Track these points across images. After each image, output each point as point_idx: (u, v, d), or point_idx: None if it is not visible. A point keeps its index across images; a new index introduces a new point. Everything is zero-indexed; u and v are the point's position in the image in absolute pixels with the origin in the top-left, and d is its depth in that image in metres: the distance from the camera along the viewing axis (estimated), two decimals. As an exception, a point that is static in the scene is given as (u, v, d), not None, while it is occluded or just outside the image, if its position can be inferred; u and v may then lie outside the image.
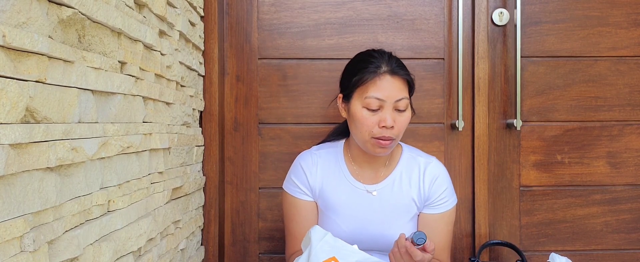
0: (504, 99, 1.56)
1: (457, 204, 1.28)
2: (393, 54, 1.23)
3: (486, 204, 1.53)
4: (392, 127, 1.14)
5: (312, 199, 1.27)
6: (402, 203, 1.24)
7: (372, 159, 1.25)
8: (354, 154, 1.27)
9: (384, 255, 1.23)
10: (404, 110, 1.17)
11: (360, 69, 1.19)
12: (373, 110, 1.15)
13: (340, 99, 1.25)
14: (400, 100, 1.15)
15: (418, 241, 1.04)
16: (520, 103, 1.52)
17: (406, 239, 1.07)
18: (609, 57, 1.56)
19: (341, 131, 1.35)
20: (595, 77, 1.56)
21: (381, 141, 1.15)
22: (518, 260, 1.43)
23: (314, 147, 1.32)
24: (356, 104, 1.17)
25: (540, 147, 1.57)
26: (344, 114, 1.25)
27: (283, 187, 1.31)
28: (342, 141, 1.31)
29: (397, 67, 1.18)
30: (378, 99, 1.14)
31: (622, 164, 1.57)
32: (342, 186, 1.25)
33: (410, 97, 1.20)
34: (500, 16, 1.53)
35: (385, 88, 1.15)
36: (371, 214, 1.23)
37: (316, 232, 1.02)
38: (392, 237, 1.20)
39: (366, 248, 1.22)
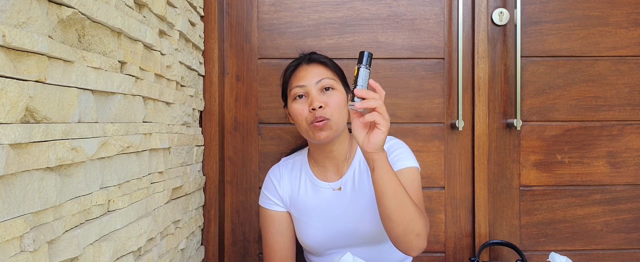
0: (504, 98, 1.56)
1: (419, 170, 1.24)
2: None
3: (486, 204, 1.53)
4: (321, 107, 1.17)
5: (284, 210, 1.31)
6: (367, 191, 1.24)
7: (330, 154, 1.27)
8: (314, 156, 1.31)
9: (362, 249, 1.25)
10: (332, 89, 1.21)
11: (284, 73, 1.30)
12: (300, 99, 1.21)
13: (285, 110, 1.32)
14: (320, 80, 1.21)
15: (364, 54, 1.02)
16: (520, 103, 1.52)
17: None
18: (609, 56, 1.56)
19: (305, 140, 1.41)
20: (595, 77, 1.56)
21: (316, 124, 1.17)
22: (518, 260, 1.43)
23: (282, 159, 1.39)
24: (289, 102, 1.25)
25: (540, 147, 1.57)
26: (291, 121, 1.30)
27: (259, 203, 1.35)
28: (307, 148, 1.37)
29: (314, 55, 1.29)
30: (300, 86, 1.21)
31: (622, 163, 1.57)
32: (309, 190, 1.29)
33: (341, 81, 1.26)
34: (500, 16, 1.53)
35: (304, 75, 1.23)
36: (341, 211, 1.25)
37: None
38: (365, 230, 1.23)
39: (343, 245, 1.25)
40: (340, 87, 1.24)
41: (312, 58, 1.28)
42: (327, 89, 1.21)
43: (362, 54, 1.02)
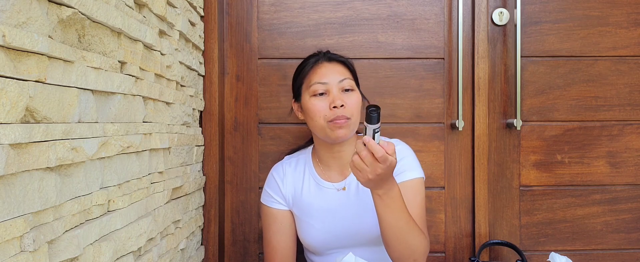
0: (504, 98, 1.56)
1: (423, 180, 1.25)
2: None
3: (486, 204, 1.53)
4: (343, 106, 1.18)
5: (286, 208, 1.31)
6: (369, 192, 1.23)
7: (337, 154, 1.27)
8: (320, 156, 1.30)
9: (363, 249, 1.25)
10: (351, 90, 1.22)
11: (302, 68, 1.29)
12: (321, 96, 1.21)
13: (294, 104, 1.31)
14: (343, 80, 1.22)
15: (371, 112, 0.97)
16: (520, 103, 1.52)
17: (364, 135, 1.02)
18: (609, 56, 1.56)
19: (310, 139, 1.41)
20: (595, 77, 1.56)
21: (337, 121, 1.17)
22: (518, 260, 1.43)
23: (286, 157, 1.38)
24: (305, 97, 1.24)
25: (540, 147, 1.57)
26: (301, 116, 1.30)
27: (261, 200, 1.35)
28: (311, 147, 1.37)
29: (333, 54, 1.30)
30: (321, 83, 1.21)
31: (622, 163, 1.57)
32: (313, 189, 1.29)
33: (355, 82, 1.26)
34: (500, 16, 1.53)
35: (326, 72, 1.23)
36: (344, 211, 1.25)
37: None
38: (367, 231, 1.23)
39: (345, 246, 1.25)
40: (357, 89, 1.25)
41: (332, 57, 1.28)
42: (347, 90, 1.22)
43: (377, 112, 0.98)
